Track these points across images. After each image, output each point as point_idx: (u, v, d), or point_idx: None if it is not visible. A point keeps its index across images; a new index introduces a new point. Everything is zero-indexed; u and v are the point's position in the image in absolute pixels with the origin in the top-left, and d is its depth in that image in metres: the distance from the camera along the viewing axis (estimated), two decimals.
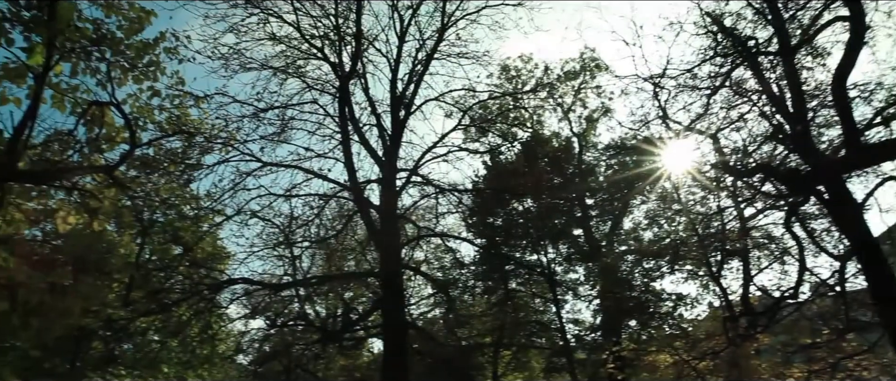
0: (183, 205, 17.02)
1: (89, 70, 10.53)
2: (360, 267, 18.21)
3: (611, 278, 15.92)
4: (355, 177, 13.96)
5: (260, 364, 21.49)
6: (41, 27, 8.52)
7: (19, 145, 7.59)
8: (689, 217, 14.31)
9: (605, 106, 19.30)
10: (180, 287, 14.75)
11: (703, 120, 11.14)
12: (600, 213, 18.85)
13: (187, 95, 12.69)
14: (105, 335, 19.00)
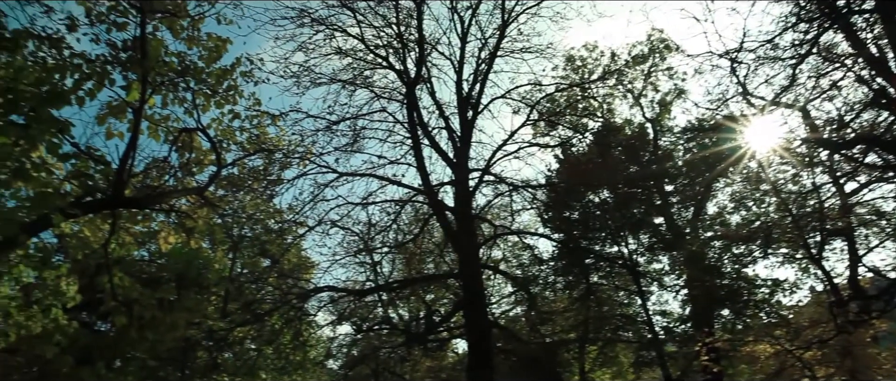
0: (268, 219, 17.92)
1: (177, 100, 11.32)
2: (439, 269, 18.42)
3: (698, 266, 15.21)
4: (429, 180, 14.15)
5: (349, 368, 22.24)
6: (136, 66, 9.25)
7: (124, 175, 8.27)
8: (781, 197, 13.43)
9: (679, 88, 18.48)
10: (271, 298, 15.51)
11: (790, 92, 10.40)
12: (681, 199, 18.06)
13: (264, 115, 13.34)
14: (208, 345, 20.31)
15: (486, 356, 12.56)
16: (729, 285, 15.37)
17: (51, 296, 9.53)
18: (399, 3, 13.89)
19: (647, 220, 17.42)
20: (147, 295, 10.10)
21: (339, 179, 14.17)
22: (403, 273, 18.27)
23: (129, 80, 10.03)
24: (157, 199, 9.42)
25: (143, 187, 10.75)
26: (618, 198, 16.89)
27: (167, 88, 10.92)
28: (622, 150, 17.31)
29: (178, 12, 10.62)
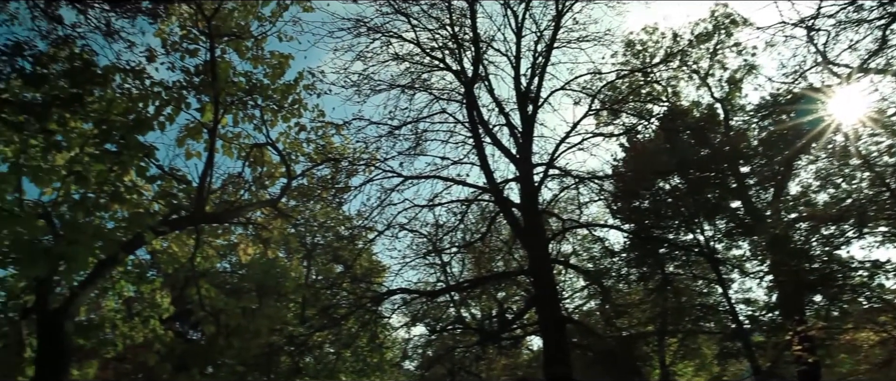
0: (338, 226, 18.48)
1: (247, 117, 11.93)
2: (508, 267, 18.35)
3: (782, 250, 14.32)
4: (493, 178, 14.12)
5: (426, 369, 22.55)
6: (208, 88, 9.82)
7: (204, 192, 8.79)
8: (875, 171, 12.43)
9: (749, 63, 17.50)
10: (346, 302, 15.95)
11: (879, 56, 9.61)
12: (760, 180, 17.08)
13: (329, 125, 13.81)
14: (289, 350, 21.13)
15: (562, 351, 12.38)
16: (820, 270, 14.38)
17: (148, 308, 10.27)
18: (452, 4, 13.96)
19: (723, 204, 16.60)
20: (232, 304, 10.68)
21: (405, 183, 14.39)
22: (473, 272, 18.33)
23: (203, 102, 10.67)
24: (234, 213, 9.96)
25: (222, 203, 11.38)
26: (689, 183, 16.20)
27: (237, 106, 11.53)
28: (691, 133, 16.59)
29: (242, 34, 11.19)
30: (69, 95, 7.78)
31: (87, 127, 8.35)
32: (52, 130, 7.83)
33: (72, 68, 7.82)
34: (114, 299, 10.75)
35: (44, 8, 7.88)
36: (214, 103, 9.93)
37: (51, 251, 5.55)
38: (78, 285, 7.68)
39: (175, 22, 10.67)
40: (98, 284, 8.32)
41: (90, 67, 8.03)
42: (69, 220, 6.78)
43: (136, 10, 8.26)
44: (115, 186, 7.34)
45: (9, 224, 5.95)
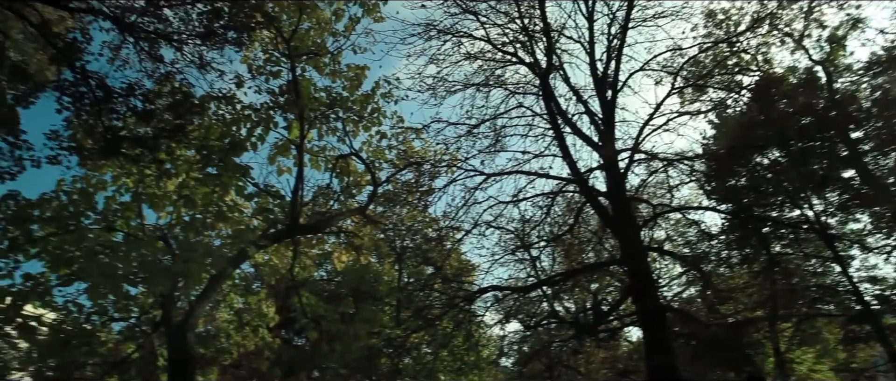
0: (425, 228, 18.82)
1: (330, 130, 12.48)
2: (599, 257, 17.86)
3: None
4: (576, 168, 13.82)
5: (523, 365, 22.43)
6: (292, 106, 10.36)
7: (297, 205, 9.28)
8: None
9: (852, 18, 15.93)
10: (439, 302, 16.20)
11: None
12: (876, 145, 15.48)
13: (408, 131, 14.12)
14: (388, 352, 21.78)
15: (664, 341, 11.88)
16: None
17: (256, 318, 11.00)
18: None
19: (833, 175, 15.21)
20: (331, 311, 11.19)
21: (488, 181, 14.40)
22: (563, 265, 18.02)
23: (289, 120, 11.28)
24: (326, 223, 10.43)
25: (314, 214, 11.96)
26: (791, 156, 14.99)
27: (320, 121, 12.07)
28: (789, 102, 15.36)
29: (319, 51, 11.72)
30: (174, 126, 8.50)
31: (190, 153, 9.08)
32: (162, 159, 8.60)
33: (174, 101, 8.54)
34: (226, 311, 11.60)
35: (148, 50, 8.66)
36: (300, 120, 10.46)
37: (170, 270, 6.12)
38: (195, 299, 8.37)
39: (258, 47, 11.37)
40: (211, 297, 9.02)
41: (189, 98, 8.72)
42: (183, 240, 7.41)
43: (224, 40, 8.87)
44: (218, 206, 7.93)
45: (136, 247, 6.60)
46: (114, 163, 9.06)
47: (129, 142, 8.50)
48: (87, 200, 9.17)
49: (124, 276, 6.19)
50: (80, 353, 10.85)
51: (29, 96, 8.83)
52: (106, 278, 6.02)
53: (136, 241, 7.24)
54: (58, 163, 8.72)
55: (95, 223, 8.92)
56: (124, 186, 9.59)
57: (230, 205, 8.16)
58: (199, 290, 8.24)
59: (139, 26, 8.31)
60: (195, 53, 8.82)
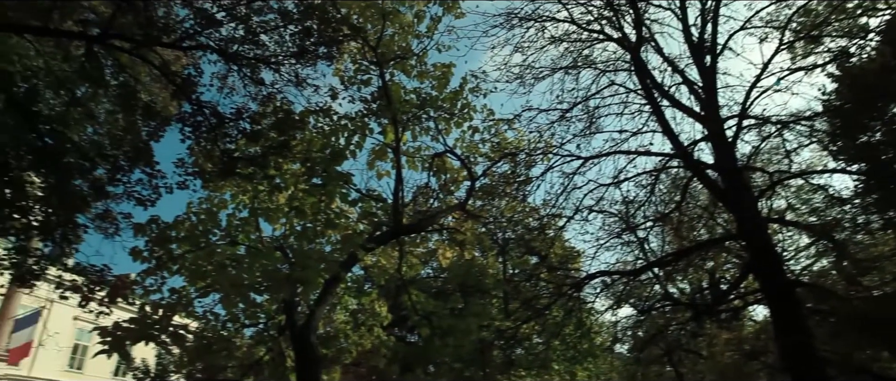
0: (526, 218, 18.70)
1: (423, 130, 12.74)
2: (712, 234, 16.81)
3: None
4: (679, 142, 13.08)
5: (639, 350, 21.61)
6: (385, 111, 10.71)
7: (399, 206, 9.58)
8: None
9: None
10: (546, 292, 16.03)
11: None
12: None
13: (500, 122, 14.09)
14: (500, 344, 21.92)
15: (796, 319, 10.95)
16: None
17: (370, 318, 11.53)
18: None
19: None
20: (440, 307, 11.45)
21: (586, 164, 14.02)
22: (673, 245, 17.16)
23: (383, 125, 11.68)
24: (428, 221, 10.68)
25: (416, 214, 12.30)
26: None
27: (413, 122, 12.37)
28: None
29: (405, 54, 12.01)
30: (279, 142, 9.11)
31: (295, 167, 9.68)
32: (272, 175, 9.25)
33: (277, 120, 9.15)
34: (342, 313, 12.25)
35: (250, 75, 9.35)
36: (393, 124, 10.79)
37: (290, 277, 6.58)
38: (314, 303, 8.93)
39: (347, 59, 11.87)
40: (328, 300, 9.58)
41: (290, 115, 9.30)
42: (297, 249, 7.94)
43: (315, 56, 9.36)
44: (326, 214, 8.39)
45: (257, 259, 7.16)
46: (231, 183, 9.88)
47: (243, 162, 9.23)
48: (212, 218, 10.08)
49: (250, 286, 6.76)
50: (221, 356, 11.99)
51: (158, 131, 9.86)
52: (235, 288, 6.60)
53: (257, 253, 7.86)
54: (186, 187, 9.68)
55: (221, 239, 9.77)
56: (242, 203, 10.42)
57: (337, 212, 8.61)
58: (317, 294, 8.78)
59: (241, 54, 8.98)
60: (291, 72, 9.39)
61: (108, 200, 9.73)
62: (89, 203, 9.48)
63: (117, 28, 8.15)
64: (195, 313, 9.43)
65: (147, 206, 9.59)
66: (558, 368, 23.38)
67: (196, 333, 10.60)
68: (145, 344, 7.43)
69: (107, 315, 8.80)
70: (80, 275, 9.19)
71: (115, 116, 9.98)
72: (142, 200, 9.58)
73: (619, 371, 29.11)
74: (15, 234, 9.33)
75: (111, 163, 9.53)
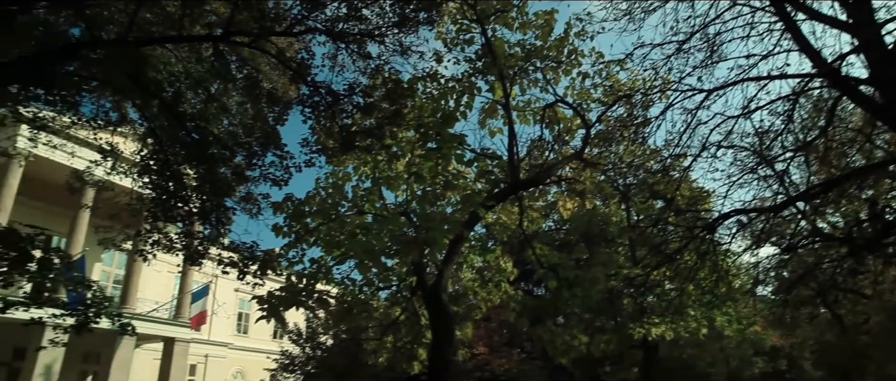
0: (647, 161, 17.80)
1: (531, 83, 12.45)
2: (870, 158, 14.86)
3: None
4: (822, 59, 11.58)
5: (786, 292, 20.00)
6: (491, 68, 10.60)
7: (515, 162, 9.54)
8: None
9: None
10: (676, 236, 15.26)
11: None
12: None
13: (610, 64, 13.36)
14: (629, 292, 21.37)
15: None
16: None
17: (496, 274, 11.74)
18: None
19: None
20: (565, 258, 11.37)
21: (710, 97, 12.90)
22: (820, 175, 15.45)
23: (491, 82, 11.56)
24: (545, 174, 10.54)
25: (532, 168, 12.17)
26: None
27: (520, 75, 12.12)
28: None
29: (505, 7, 11.70)
30: (392, 112, 9.39)
31: (410, 134, 9.95)
32: (388, 144, 9.60)
33: (387, 91, 9.41)
34: (469, 271, 12.59)
35: (357, 51, 9.67)
36: (500, 80, 10.66)
37: (416, 240, 6.88)
38: (441, 264, 9.28)
39: (448, 21, 11.81)
40: (454, 260, 9.89)
41: (399, 84, 9.52)
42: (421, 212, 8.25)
43: (417, 23, 9.44)
44: (444, 177, 8.57)
45: (385, 225, 7.56)
46: (352, 156, 10.41)
47: (360, 135, 9.66)
48: (339, 191, 10.73)
49: (381, 251, 7.16)
50: (361, 318, 12.91)
51: (282, 115, 10.60)
52: (367, 254, 7.03)
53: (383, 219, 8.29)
54: (312, 165, 10.36)
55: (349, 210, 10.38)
56: (364, 174, 10.95)
57: (454, 174, 8.77)
58: (443, 255, 9.11)
59: (346, 32, 9.30)
60: (395, 42, 9.56)
61: (249, 183, 10.72)
62: (234, 188, 10.52)
63: (236, 25, 8.78)
64: (334, 279, 10.21)
65: (281, 185, 10.44)
66: (694, 313, 22.35)
67: (337, 298, 11.52)
68: (296, 309, 8.21)
69: (260, 286, 9.81)
70: (235, 252, 10.31)
71: (244, 106, 10.87)
72: (276, 180, 10.44)
73: (764, 315, 27.24)
74: (180, 220, 10.64)
75: (247, 150, 10.44)
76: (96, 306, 9.86)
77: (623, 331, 22.57)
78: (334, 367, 25.16)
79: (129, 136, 11.59)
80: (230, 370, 42.22)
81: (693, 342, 27.53)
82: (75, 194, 26.86)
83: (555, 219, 29.31)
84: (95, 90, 9.66)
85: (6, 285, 8.48)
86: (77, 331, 9.70)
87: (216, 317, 39.99)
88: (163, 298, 35.74)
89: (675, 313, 21.25)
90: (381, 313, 15.58)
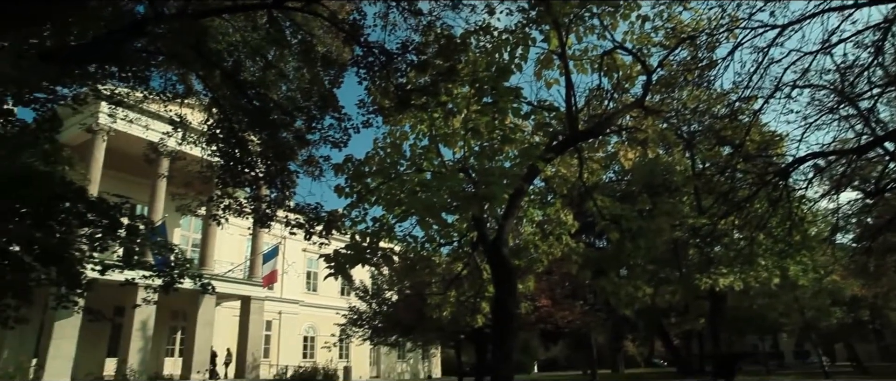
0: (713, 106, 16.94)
1: (588, 30, 11.95)
2: None
3: None
4: None
5: (870, 239, 18.87)
6: (544, 17, 10.26)
7: (573, 112, 9.31)
8: None
9: None
10: (745, 183, 14.60)
11: None
12: None
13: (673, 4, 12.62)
14: (695, 242, 20.80)
15: None
16: None
17: (557, 227, 11.67)
18: None
19: None
20: (627, 209, 11.13)
21: (784, 33, 12.04)
22: None
23: (545, 31, 11.20)
24: (605, 124, 10.24)
25: (591, 118, 11.85)
26: None
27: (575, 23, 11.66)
28: None
29: None
30: (446, 68, 9.31)
31: (465, 90, 9.86)
32: (444, 101, 9.56)
33: (440, 47, 9.31)
34: (529, 225, 12.57)
35: (408, 8, 9.58)
36: (555, 28, 10.31)
37: (476, 195, 6.90)
38: (502, 218, 9.31)
39: None
40: (514, 214, 9.88)
41: (451, 40, 9.40)
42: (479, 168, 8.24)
43: None
44: (501, 131, 8.49)
45: (444, 182, 7.62)
46: (408, 115, 10.45)
47: (415, 93, 9.66)
48: (397, 150, 10.85)
49: (441, 207, 7.24)
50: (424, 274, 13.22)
51: (338, 78, 10.74)
52: (428, 211, 7.13)
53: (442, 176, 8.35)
54: (370, 125, 10.50)
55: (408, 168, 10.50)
56: (421, 132, 11.00)
57: (511, 127, 8.66)
58: (503, 210, 9.13)
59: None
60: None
61: (310, 146, 11.01)
62: (296, 152, 10.84)
63: None
64: (397, 237, 10.47)
65: (340, 147, 10.66)
66: (765, 263, 21.51)
67: (400, 255, 11.82)
68: (361, 267, 8.49)
69: (326, 245, 10.19)
70: (301, 213, 10.70)
71: (301, 71, 11.06)
72: (335, 142, 10.66)
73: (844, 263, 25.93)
74: (248, 184, 11.12)
75: (306, 114, 10.68)
76: (179, 268, 10.58)
77: (689, 282, 22.09)
78: (400, 321, 26.07)
79: (196, 107, 12.09)
80: (302, 326, 44.57)
81: (764, 292, 26.63)
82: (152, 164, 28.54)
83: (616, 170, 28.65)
84: (162, 64, 10.08)
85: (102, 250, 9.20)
86: (165, 291, 10.47)
87: (287, 276, 42.08)
88: (237, 259, 37.87)
89: (744, 263, 20.55)
90: (444, 268, 15.89)
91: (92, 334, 28.19)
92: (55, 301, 9.53)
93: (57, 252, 8.46)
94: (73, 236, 9.05)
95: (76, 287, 9.23)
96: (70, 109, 9.23)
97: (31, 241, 8.26)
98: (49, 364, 25.29)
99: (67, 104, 9.28)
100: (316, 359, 42.25)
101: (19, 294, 8.60)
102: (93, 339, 29.18)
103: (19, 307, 8.77)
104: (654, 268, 22.10)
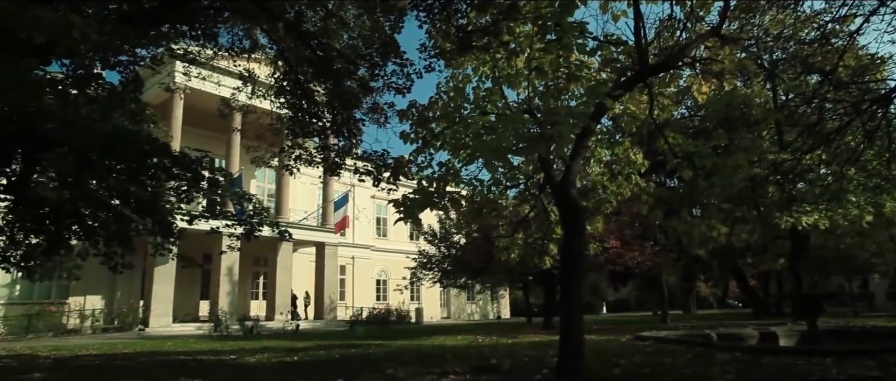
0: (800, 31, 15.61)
1: None
2: None
3: None
4: None
5: None
6: None
7: (642, 45, 8.83)
8: None
9: None
10: (835, 114, 13.53)
11: None
12: None
13: None
14: (775, 179, 19.67)
15: None
16: None
17: (626, 167, 11.31)
18: None
19: None
20: (701, 146, 10.62)
21: None
22: None
23: None
24: (677, 56, 9.65)
25: (662, 50, 11.20)
26: None
27: None
28: None
29: None
30: (507, 7, 9.00)
31: (527, 28, 9.53)
32: (506, 41, 9.30)
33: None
34: (597, 165, 12.28)
35: None
36: None
37: (542, 136, 6.79)
38: (569, 159, 9.13)
39: None
40: (581, 154, 9.66)
41: None
42: (544, 108, 8.06)
43: None
44: (566, 69, 8.21)
45: (508, 124, 7.52)
46: (470, 57, 10.27)
47: (477, 34, 9.44)
48: (460, 94, 10.73)
49: (506, 149, 7.18)
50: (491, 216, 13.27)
51: (397, 23, 10.65)
52: (493, 154, 7.09)
53: (507, 118, 8.23)
54: (432, 70, 10.43)
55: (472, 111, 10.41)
56: (483, 75, 10.82)
57: (577, 65, 8.32)
58: (570, 150, 8.93)
59: None
60: None
61: (374, 94, 11.11)
62: (360, 100, 10.98)
63: None
64: (463, 180, 10.55)
65: (404, 93, 10.69)
66: (856, 199, 20.09)
67: (467, 198, 11.92)
68: (429, 211, 8.64)
69: (394, 191, 10.41)
70: (368, 161, 10.93)
71: (361, 19, 11.04)
72: (399, 88, 10.69)
73: None
74: (316, 134, 11.44)
75: (368, 62, 10.73)
76: (258, 216, 11.19)
77: (768, 221, 21.05)
78: (469, 264, 26.57)
79: (263, 61, 12.40)
80: (375, 270, 46.42)
81: (854, 230, 24.99)
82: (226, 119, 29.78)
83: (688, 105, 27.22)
84: (228, 20, 10.34)
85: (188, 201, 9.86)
86: (246, 238, 11.13)
87: (358, 222, 43.61)
88: (309, 207, 39.55)
89: (831, 200, 19.30)
90: (511, 210, 15.91)
91: (186, 279, 30.76)
92: (153, 249, 10.36)
93: (150, 204, 9.15)
94: (162, 189, 9.73)
95: (169, 236, 10.00)
96: (150, 70, 9.73)
97: (127, 195, 8.96)
98: (153, 306, 27.89)
99: (147, 65, 9.77)
100: (389, 301, 44.14)
101: (123, 243, 9.43)
102: (187, 283, 31.86)
103: (125, 255, 9.64)
104: (729, 207, 21.13)
